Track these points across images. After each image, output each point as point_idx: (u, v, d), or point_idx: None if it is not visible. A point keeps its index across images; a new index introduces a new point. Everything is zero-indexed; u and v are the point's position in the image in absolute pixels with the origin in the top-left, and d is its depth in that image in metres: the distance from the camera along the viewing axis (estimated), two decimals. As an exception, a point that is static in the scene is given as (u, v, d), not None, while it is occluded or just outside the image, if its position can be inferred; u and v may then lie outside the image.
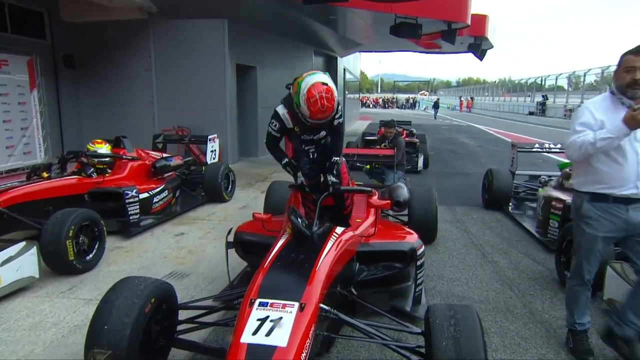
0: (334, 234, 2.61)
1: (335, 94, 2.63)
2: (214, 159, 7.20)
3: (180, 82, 9.09)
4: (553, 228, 4.44)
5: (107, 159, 4.97)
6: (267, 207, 4.42)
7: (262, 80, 10.57)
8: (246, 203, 6.25)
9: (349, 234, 2.80)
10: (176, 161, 5.96)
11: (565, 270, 3.51)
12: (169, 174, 5.75)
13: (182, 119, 8.85)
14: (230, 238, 3.16)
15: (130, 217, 4.62)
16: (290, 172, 3.06)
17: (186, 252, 4.26)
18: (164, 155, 6.05)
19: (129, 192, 4.61)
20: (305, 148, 3.01)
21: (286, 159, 3.03)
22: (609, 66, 22.93)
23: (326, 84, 2.58)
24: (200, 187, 6.30)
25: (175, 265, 3.91)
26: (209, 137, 7.10)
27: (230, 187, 6.43)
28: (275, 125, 2.91)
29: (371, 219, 3.19)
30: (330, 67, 16.59)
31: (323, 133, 2.93)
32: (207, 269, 3.83)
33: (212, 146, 7.20)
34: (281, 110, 2.84)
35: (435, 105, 34.79)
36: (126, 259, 4.03)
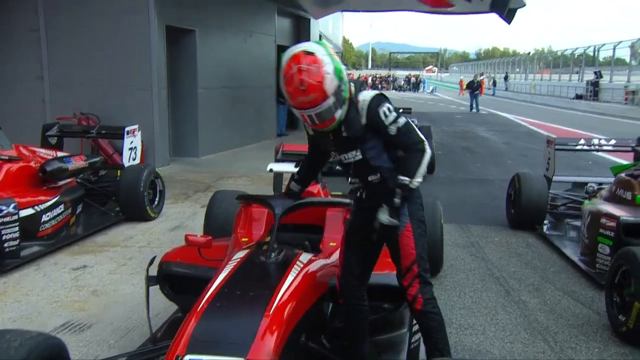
0: (298, 262, 2.66)
1: (326, 67, 2.41)
2: (134, 159, 7.13)
3: (84, 49, 9.01)
4: (603, 255, 4.61)
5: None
6: (209, 226, 4.43)
7: (205, 49, 10.60)
8: (180, 222, 6.23)
9: (319, 262, 2.86)
10: (77, 163, 5.89)
11: (619, 313, 3.65)
12: (67, 181, 5.68)
13: (87, 103, 8.76)
14: (154, 271, 3.15)
15: (5, 245, 4.54)
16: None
17: (89, 293, 4.21)
18: (59, 154, 5.97)
19: (2, 208, 4.54)
20: (350, 180, 2.89)
21: (297, 175, 3.10)
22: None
23: (311, 53, 2.43)
24: (113, 200, 6.25)
25: (72, 313, 3.86)
26: (127, 129, 7.02)
27: (157, 199, 6.40)
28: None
29: (350, 242, 3.24)
30: (300, 32, 16.75)
31: (357, 155, 2.65)
32: (119, 316, 3.79)
33: (132, 142, 7.12)
34: None
35: (473, 87, 27.38)
36: (-2, 304, 3.97)
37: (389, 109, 2.58)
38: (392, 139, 2.60)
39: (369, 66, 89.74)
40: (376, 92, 2.64)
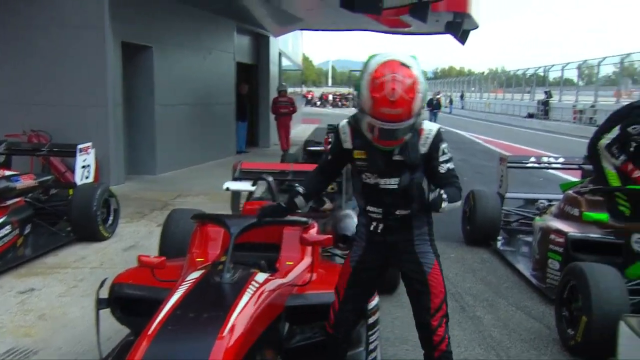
0: (253, 282, 2.64)
1: (420, 86, 2.32)
2: (87, 178, 7.00)
3: (35, 66, 8.78)
4: (553, 270, 4.74)
5: None
6: (165, 246, 4.37)
7: (162, 66, 10.52)
8: (135, 241, 6.14)
9: (275, 282, 2.84)
10: (26, 182, 5.76)
11: (568, 327, 3.76)
12: (14, 200, 5.50)
13: (38, 120, 8.52)
14: (104, 294, 3.07)
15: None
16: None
17: (36, 318, 4.08)
18: (7, 172, 5.78)
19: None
20: (368, 209, 2.64)
21: (301, 188, 2.82)
22: (630, 54, 25.20)
23: (408, 67, 2.32)
24: (64, 220, 6.11)
25: (18, 339, 3.73)
26: (80, 146, 6.90)
27: (111, 218, 6.30)
28: (333, 140, 2.78)
29: (307, 260, 3.25)
30: (260, 50, 16.83)
31: (401, 180, 2.53)
32: (68, 341, 3.69)
33: (85, 160, 6.99)
34: (343, 123, 2.66)
35: (433, 105, 27.08)
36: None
37: (447, 147, 2.56)
38: (438, 176, 2.56)
39: (329, 83, 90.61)
40: (438, 125, 2.60)
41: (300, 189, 2.81)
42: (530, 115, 32.04)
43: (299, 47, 26.10)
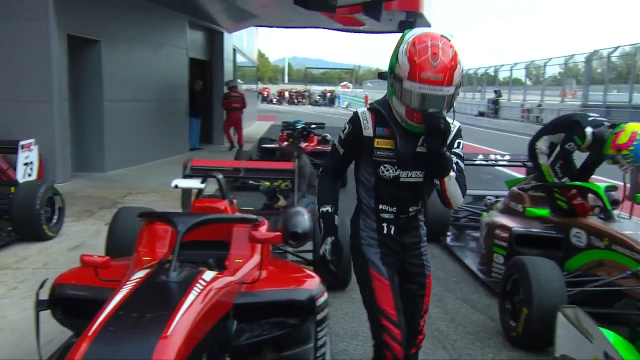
0: (200, 280, 2.61)
1: (460, 58, 2.23)
2: (29, 175, 6.79)
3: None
4: (497, 264, 4.91)
5: None
6: (112, 245, 4.30)
7: (111, 61, 10.25)
8: (81, 241, 5.98)
9: (223, 280, 2.81)
10: (-36, 179, 5.53)
11: (511, 319, 3.89)
12: (-49, 199, 5.29)
13: (-21, 116, 8.17)
14: (45, 295, 2.98)
15: None
16: (321, 228, 2.57)
17: (-27, 321, 3.93)
18: (-56, 170, 5.55)
19: None
20: (380, 207, 2.53)
21: (329, 207, 2.57)
22: (573, 55, 26.21)
23: (449, 39, 2.26)
24: (5, 219, 5.90)
25: (-47, 343, 3.59)
26: (22, 143, 6.69)
27: (55, 217, 6.12)
28: (345, 130, 2.52)
29: (256, 258, 3.24)
30: (214, 45, 16.61)
31: (421, 175, 2.46)
32: (7, 344, 3.59)
33: (27, 157, 6.79)
34: (362, 109, 2.50)
35: None
36: None
37: (463, 144, 2.50)
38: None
39: (286, 80, 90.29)
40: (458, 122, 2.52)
41: (329, 208, 2.58)
42: (481, 114, 32.88)
43: (254, 44, 25.91)
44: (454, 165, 2.38)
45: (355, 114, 2.48)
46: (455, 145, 2.47)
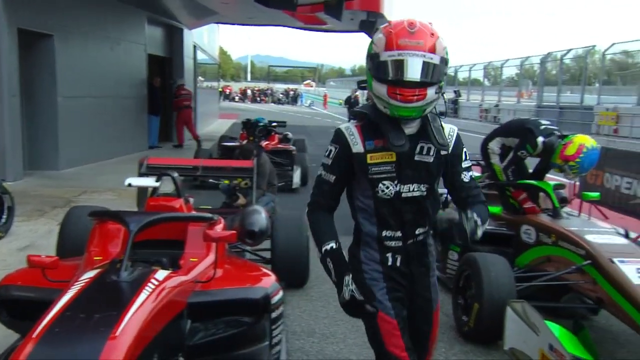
0: (153, 279, 2.59)
1: (440, 35, 2.05)
2: (-22, 173, 6.58)
3: None
4: (452, 261, 4.99)
5: None
6: (63, 245, 4.22)
7: (65, 56, 10.01)
8: (31, 241, 5.81)
9: (177, 279, 2.80)
10: None
11: (463, 314, 3.99)
12: None
13: None
14: (-9, 297, 2.91)
15: None
16: (329, 271, 2.25)
17: None
18: None
19: None
20: (384, 235, 2.24)
21: (332, 243, 2.25)
22: (528, 57, 26.90)
23: (427, 23, 2.08)
24: (-49, 219, 5.70)
25: None
26: (-30, 139, 6.47)
27: (4, 217, 5.95)
28: (330, 154, 2.22)
29: (211, 257, 3.23)
30: (174, 42, 16.39)
31: (425, 189, 2.20)
32: (-49, 348, 3.43)
33: (-24, 154, 6.57)
34: (345, 125, 2.23)
35: (350, 102, 24.17)
36: None
37: (467, 152, 2.29)
38: (461, 186, 2.26)
39: (248, 78, 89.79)
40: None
41: (334, 245, 2.26)
42: (441, 114, 32.81)
43: (215, 41, 25.67)
44: (478, 222, 2.10)
45: (339, 131, 2.21)
46: (464, 157, 2.28)
